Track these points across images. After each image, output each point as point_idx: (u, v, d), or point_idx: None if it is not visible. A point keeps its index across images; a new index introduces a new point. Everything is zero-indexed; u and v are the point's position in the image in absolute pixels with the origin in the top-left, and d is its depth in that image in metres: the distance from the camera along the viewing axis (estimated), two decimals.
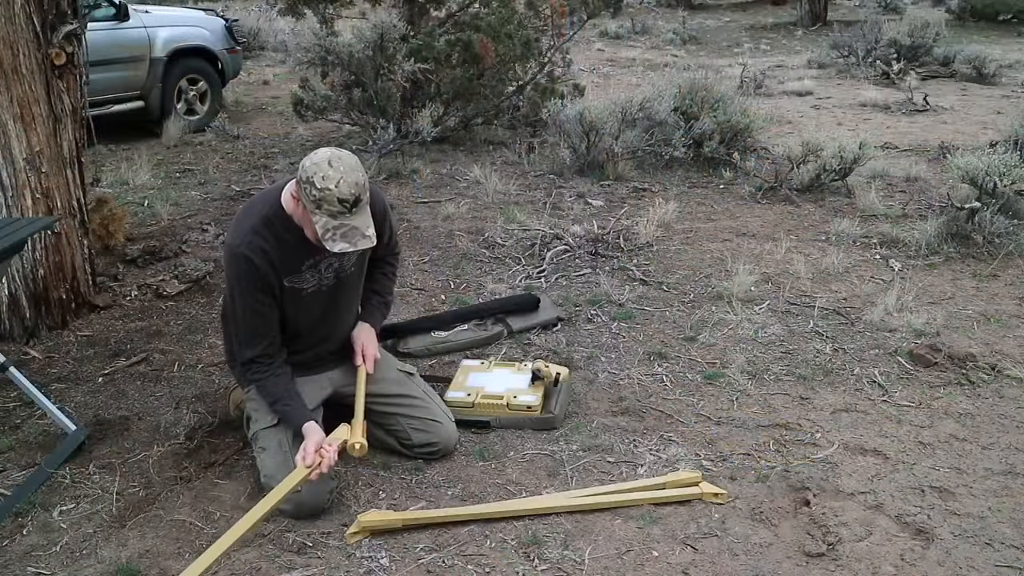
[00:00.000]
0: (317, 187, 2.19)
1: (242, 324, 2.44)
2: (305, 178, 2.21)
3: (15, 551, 2.24)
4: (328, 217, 2.21)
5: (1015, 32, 14.90)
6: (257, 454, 2.45)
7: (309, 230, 2.31)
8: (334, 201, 2.19)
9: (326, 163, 2.21)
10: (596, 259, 4.28)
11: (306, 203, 2.24)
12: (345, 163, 2.23)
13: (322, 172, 2.19)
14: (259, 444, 2.45)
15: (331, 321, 2.60)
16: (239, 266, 2.35)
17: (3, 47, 3.16)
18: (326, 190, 2.18)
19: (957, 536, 2.28)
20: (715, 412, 2.90)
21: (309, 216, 2.26)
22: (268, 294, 2.38)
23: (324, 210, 2.21)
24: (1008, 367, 3.17)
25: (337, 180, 2.19)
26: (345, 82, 6.38)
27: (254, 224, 2.35)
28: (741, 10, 19.90)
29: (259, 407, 2.49)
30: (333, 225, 2.22)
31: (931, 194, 5.28)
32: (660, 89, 6.13)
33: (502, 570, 2.15)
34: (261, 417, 2.46)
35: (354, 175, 2.22)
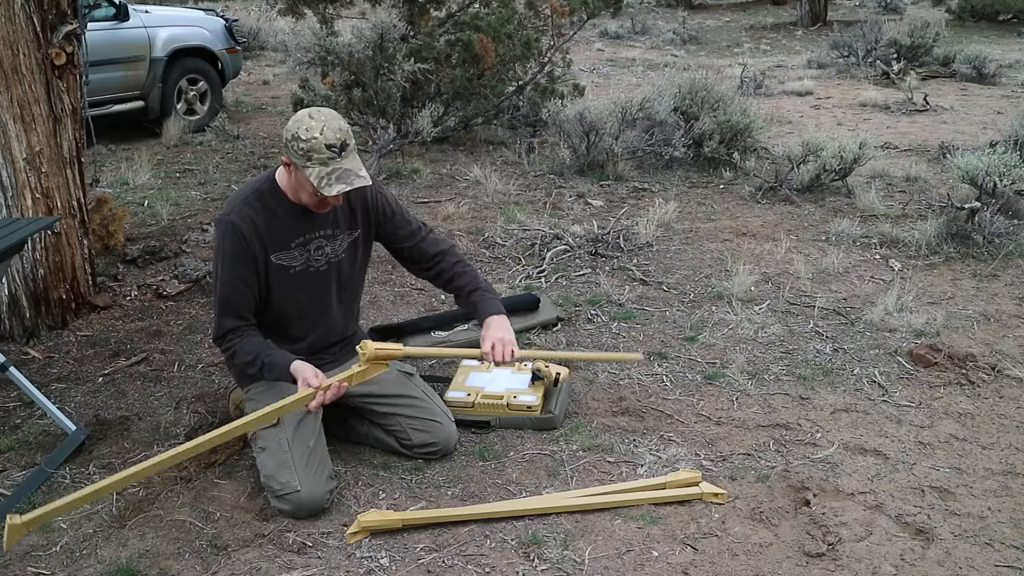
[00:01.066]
0: (303, 139, 2.26)
1: (221, 294, 2.43)
2: (290, 136, 2.28)
3: (15, 551, 2.24)
4: (320, 166, 2.27)
5: (1015, 32, 14.90)
6: (257, 454, 2.45)
7: (305, 193, 2.36)
8: (322, 148, 2.26)
9: (307, 116, 2.30)
10: (596, 259, 4.28)
11: (296, 160, 2.29)
12: (325, 113, 2.32)
13: (305, 124, 2.27)
14: (259, 444, 2.44)
15: (323, 311, 2.58)
16: (226, 235, 2.38)
17: (3, 47, 3.16)
18: (312, 139, 2.25)
19: (957, 536, 2.28)
20: (715, 412, 2.90)
21: (302, 176, 2.30)
22: (251, 267, 2.40)
23: (315, 160, 2.27)
24: (1008, 367, 3.17)
25: (320, 128, 2.27)
26: (345, 82, 6.38)
27: (246, 196, 2.43)
28: (741, 10, 19.90)
29: (259, 406, 2.48)
30: (326, 172, 2.28)
31: (931, 194, 5.27)
32: (660, 89, 6.13)
33: (502, 570, 2.15)
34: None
35: (336, 122, 2.30)
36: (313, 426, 2.49)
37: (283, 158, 2.37)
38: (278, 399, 2.46)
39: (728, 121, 5.95)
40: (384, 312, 3.72)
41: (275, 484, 2.34)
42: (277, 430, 2.41)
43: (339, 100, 6.39)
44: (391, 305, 3.79)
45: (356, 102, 6.36)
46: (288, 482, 2.33)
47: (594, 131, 5.76)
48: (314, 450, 2.42)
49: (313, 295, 2.55)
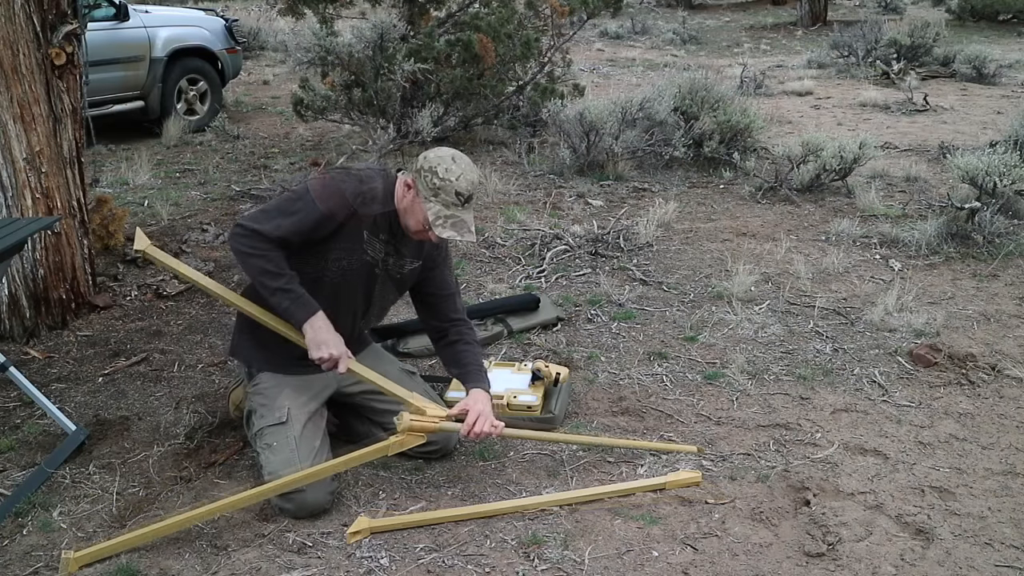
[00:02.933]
0: (439, 176, 2.33)
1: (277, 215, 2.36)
2: (428, 167, 2.35)
3: (15, 551, 2.24)
4: (442, 206, 2.34)
5: (1015, 32, 14.91)
6: (261, 451, 2.43)
7: (413, 218, 2.39)
8: (451, 192, 2.33)
9: (450, 158, 2.37)
10: (596, 259, 4.28)
11: (422, 190, 2.35)
12: (466, 163, 2.40)
13: (445, 164, 2.35)
14: (264, 441, 2.43)
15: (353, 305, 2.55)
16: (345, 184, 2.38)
17: (3, 47, 3.16)
18: (447, 181, 2.33)
19: (957, 536, 2.28)
20: (715, 412, 2.90)
21: (419, 203, 2.36)
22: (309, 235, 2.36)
23: (440, 199, 2.34)
24: (1008, 367, 3.17)
25: (458, 174, 2.35)
26: (345, 82, 6.38)
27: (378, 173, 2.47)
28: (741, 10, 19.90)
29: (265, 403, 2.48)
30: (445, 214, 2.35)
31: (931, 194, 5.28)
32: (660, 89, 6.13)
33: (502, 570, 2.15)
34: (268, 414, 2.45)
35: (473, 174, 2.39)
36: (319, 427, 2.50)
37: (407, 179, 2.40)
38: (286, 396, 2.46)
39: (728, 121, 5.95)
40: None
41: None
42: (285, 428, 2.41)
43: (339, 100, 6.39)
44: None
45: (356, 102, 6.36)
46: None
47: (594, 131, 5.76)
48: (319, 451, 2.43)
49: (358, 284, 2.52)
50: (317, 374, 2.56)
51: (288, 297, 2.35)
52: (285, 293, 2.35)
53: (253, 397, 2.53)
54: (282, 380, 2.50)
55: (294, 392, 2.49)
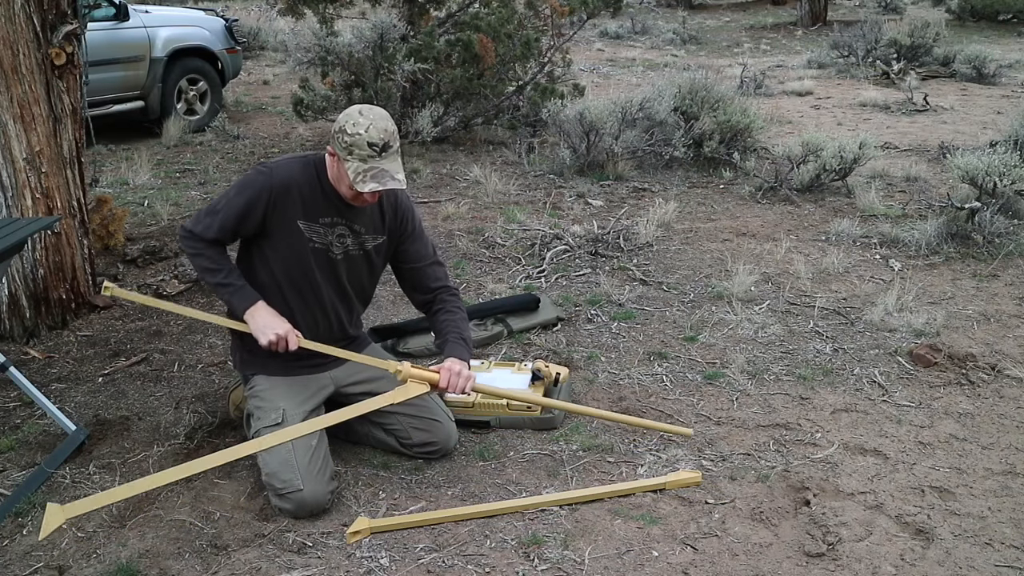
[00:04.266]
0: (348, 133, 2.32)
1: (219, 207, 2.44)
2: (338, 128, 2.35)
3: (15, 551, 2.24)
4: (359, 162, 2.33)
5: (1015, 32, 14.91)
6: (259, 453, 2.44)
7: (343, 183, 2.39)
8: (364, 145, 2.32)
9: (356, 112, 2.35)
10: (596, 259, 4.28)
11: (339, 151, 2.35)
12: (375, 112, 2.37)
13: (352, 119, 2.33)
14: None
15: (324, 299, 2.56)
16: (256, 178, 2.43)
17: (3, 47, 3.16)
18: (356, 135, 2.31)
19: (957, 536, 2.28)
20: (715, 412, 2.90)
21: (341, 166, 2.36)
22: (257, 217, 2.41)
23: (355, 155, 2.33)
24: (1008, 367, 3.17)
25: (367, 126, 2.32)
26: (345, 82, 6.39)
27: (296, 158, 2.50)
28: (741, 10, 19.90)
29: (260, 405, 2.48)
30: (363, 168, 2.33)
31: (931, 194, 5.28)
32: (660, 89, 6.13)
33: (502, 570, 2.15)
34: (264, 415, 2.46)
35: (383, 122, 2.35)
36: (316, 431, 2.49)
37: (328, 148, 2.41)
38: (281, 397, 2.46)
39: (728, 121, 5.96)
40: (384, 312, 3.72)
41: (277, 483, 2.34)
42: (281, 429, 2.41)
43: (339, 100, 6.39)
44: (391, 305, 3.79)
45: (356, 102, 6.36)
46: (291, 481, 2.33)
47: (594, 131, 5.76)
48: (316, 449, 2.42)
49: (320, 279, 2.53)
50: (313, 375, 2.57)
51: (228, 291, 2.45)
52: (225, 287, 2.45)
53: (250, 400, 2.54)
54: (277, 382, 2.50)
55: (289, 393, 2.50)
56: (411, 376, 2.40)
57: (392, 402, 2.40)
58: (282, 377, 2.52)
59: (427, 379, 2.42)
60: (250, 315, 2.43)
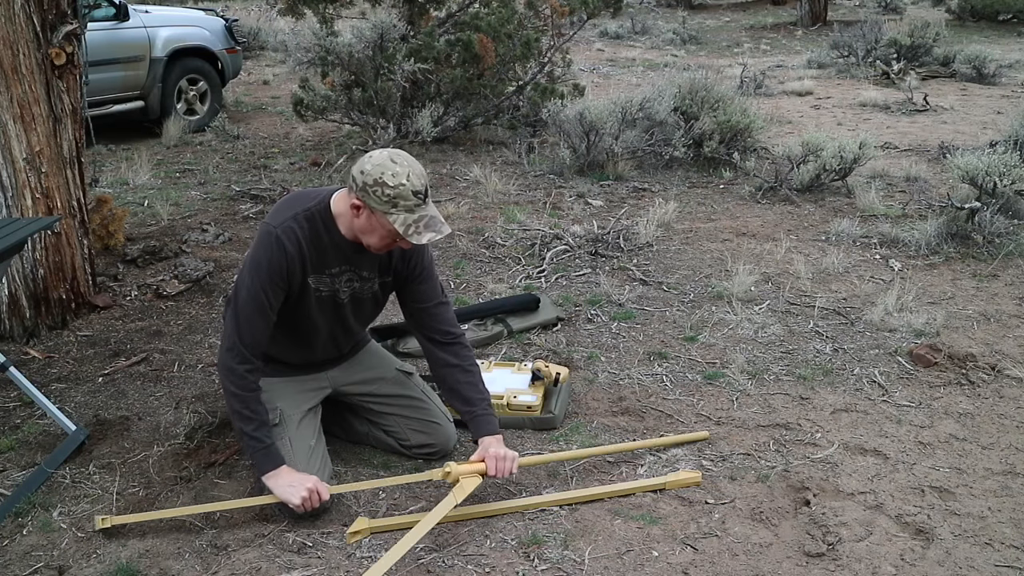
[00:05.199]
0: (390, 185, 2.17)
1: (245, 309, 2.30)
2: (372, 181, 2.17)
3: (15, 551, 2.24)
4: (406, 213, 2.20)
5: (1015, 32, 14.91)
6: None
7: (375, 235, 2.26)
8: (409, 195, 2.18)
9: (389, 161, 2.20)
10: (596, 259, 4.28)
11: (377, 207, 2.19)
12: (406, 158, 2.24)
13: (390, 170, 2.18)
14: None
15: (334, 338, 2.55)
16: (270, 247, 2.27)
17: (3, 47, 3.16)
18: (400, 186, 2.17)
19: (957, 536, 2.28)
20: (715, 412, 2.90)
21: (380, 220, 2.21)
22: (281, 287, 2.31)
23: (401, 207, 2.19)
24: (1008, 367, 3.17)
25: (407, 174, 2.19)
26: (345, 82, 6.38)
27: (297, 214, 2.31)
28: (741, 10, 19.90)
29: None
30: (413, 219, 2.20)
31: (931, 194, 5.28)
32: (660, 89, 6.13)
33: (502, 570, 2.15)
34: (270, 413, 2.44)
35: (418, 167, 2.23)
36: (313, 425, 2.49)
37: (354, 200, 2.23)
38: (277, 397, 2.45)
39: (728, 121, 5.95)
40: (384, 312, 3.71)
41: None
42: (279, 429, 2.41)
43: (339, 100, 6.39)
44: (391, 305, 3.78)
45: (356, 102, 6.36)
46: None
47: (594, 131, 5.76)
48: (315, 449, 2.42)
49: (330, 324, 2.49)
50: (310, 374, 2.56)
51: (256, 446, 2.30)
52: (254, 441, 2.30)
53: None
54: (272, 383, 2.48)
55: (285, 392, 2.48)
56: (461, 474, 2.30)
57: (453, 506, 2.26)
58: (278, 379, 2.50)
59: (478, 471, 2.32)
60: (273, 478, 2.28)
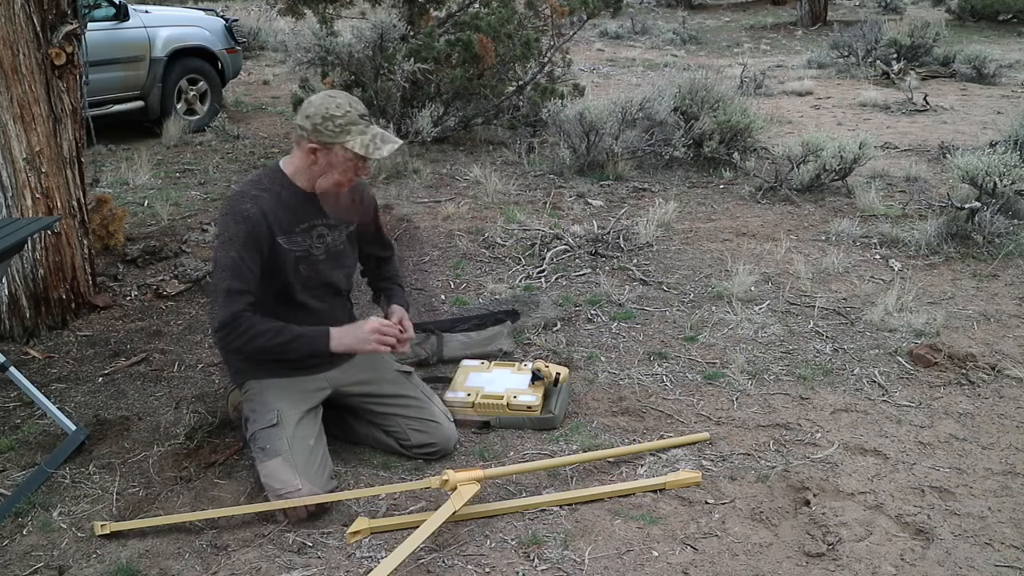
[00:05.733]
0: (338, 116, 2.34)
1: (227, 275, 2.35)
2: (320, 118, 2.34)
3: (15, 551, 2.24)
4: (360, 135, 2.37)
5: (1015, 32, 14.91)
6: (256, 454, 2.44)
7: (337, 171, 2.41)
8: (357, 119, 2.37)
9: (327, 96, 2.38)
10: (596, 259, 4.28)
11: (332, 139, 2.35)
12: (338, 92, 2.43)
13: (332, 103, 2.35)
14: (258, 444, 2.43)
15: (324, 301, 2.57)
16: (232, 218, 2.38)
17: (3, 47, 3.16)
18: (347, 113, 2.35)
19: (957, 536, 2.28)
20: (715, 412, 2.90)
21: (338, 153, 2.37)
22: (256, 249, 2.38)
23: (355, 130, 2.37)
24: (1008, 367, 3.17)
25: (348, 102, 2.38)
26: (345, 82, 6.38)
27: (253, 180, 2.49)
28: (741, 10, 19.91)
29: (256, 408, 2.48)
30: (368, 139, 2.38)
31: (931, 194, 5.28)
32: (660, 89, 6.13)
33: (502, 570, 2.15)
34: (260, 417, 2.45)
35: (350, 95, 2.43)
36: (313, 425, 2.49)
37: (307, 144, 2.38)
38: (275, 397, 2.45)
39: (728, 121, 5.95)
40: None
41: (276, 483, 2.34)
42: (278, 429, 2.41)
43: None
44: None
45: None
46: (289, 481, 2.33)
47: (594, 131, 5.76)
48: (314, 449, 2.42)
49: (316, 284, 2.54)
50: (308, 375, 2.55)
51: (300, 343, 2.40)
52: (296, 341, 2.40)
53: (245, 404, 2.53)
54: (272, 384, 2.49)
55: (284, 393, 2.48)
56: (459, 482, 2.28)
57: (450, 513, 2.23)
58: (277, 379, 2.50)
59: (475, 478, 2.29)
60: (340, 342, 2.42)
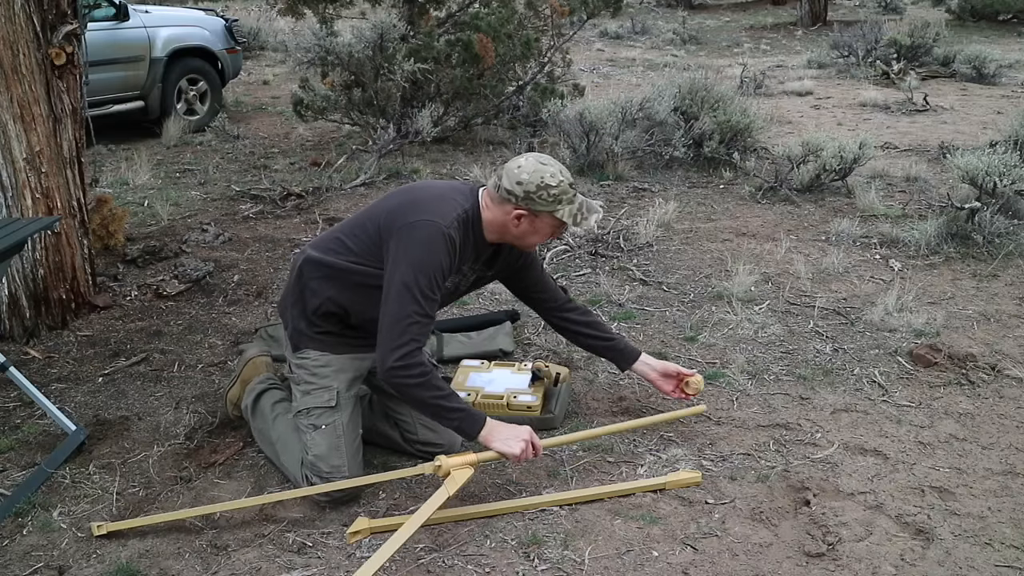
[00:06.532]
0: (553, 185, 2.32)
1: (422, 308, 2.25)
2: (535, 187, 2.31)
3: (15, 551, 2.24)
4: (569, 204, 2.37)
5: (1015, 32, 14.91)
6: (307, 431, 2.41)
7: (538, 235, 2.42)
8: (568, 189, 2.36)
9: (540, 164, 2.35)
10: (596, 259, 4.28)
11: (543, 209, 2.34)
12: (548, 157, 2.40)
13: (547, 172, 2.34)
14: (310, 420, 2.42)
15: None
16: (443, 245, 2.29)
17: (3, 47, 3.16)
18: (560, 183, 2.34)
19: (957, 536, 2.28)
20: (715, 412, 2.90)
21: (544, 219, 2.37)
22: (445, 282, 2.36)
23: (564, 201, 2.36)
24: (1008, 367, 3.17)
25: (560, 170, 2.36)
26: (345, 82, 6.39)
27: (457, 214, 2.36)
28: (741, 10, 19.91)
29: (312, 380, 2.43)
30: (576, 207, 2.39)
31: (931, 194, 5.28)
32: (660, 89, 6.13)
33: (502, 570, 2.15)
34: (317, 395, 2.42)
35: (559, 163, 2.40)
36: (359, 414, 2.54)
37: (515, 210, 2.34)
38: (334, 377, 2.44)
39: (728, 121, 5.95)
40: None
41: (324, 466, 2.37)
42: (334, 412, 2.41)
43: (339, 100, 6.39)
44: None
45: (356, 102, 6.36)
46: (339, 467, 2.38)
47: (594, 131, 5.76)
48: (359, 441, 2.49)
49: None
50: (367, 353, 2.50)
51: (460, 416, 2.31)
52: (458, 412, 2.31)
53: (297, 370, 2.48)
54: (330, 359, 2.46)
55: (341, 374, 2.47)
56: (452, 467, 2.27)
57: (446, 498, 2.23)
58: (338, 356, 2.47)
59: (468, 463, 2.29)
60: (487, 435, 2.31)
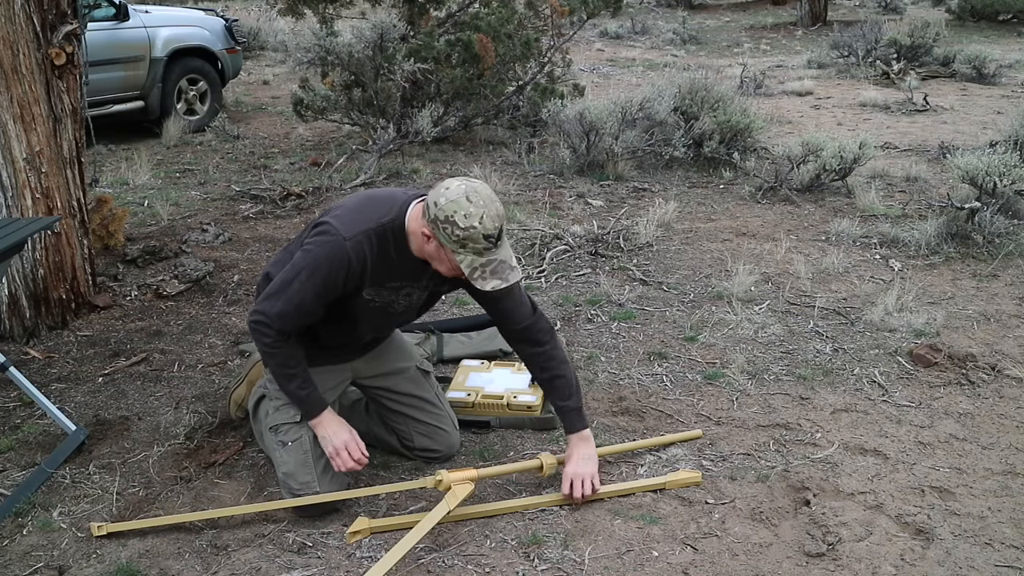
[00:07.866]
0: (460, 226, 2.08)
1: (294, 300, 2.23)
2: (444, 217, 2.09)
3: (15, 551, 2.24)
4: (474, 255, 2.13)
5: (1015, 32, 14.91)
6: (276, 448, 2.40)
7: (444, 264, 2.21)
8: (479, 239, 2.09)
9: (464, 199, 2.09)
10: (596, 259, 4.28)
11: (446, 242, 2.12)
12: (483, 195, 2.12)
13: (463, 210, 2.08)
14: (279, 437, 2.40)
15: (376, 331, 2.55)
16: (334, 257, 2.20)
17: (3, 47, 3.16)
18: (471, 228, 2.08)
19: (957, 536, 2.28)
20: (715, 412, 2.90)
21: (448, 254, 2.15)
22: (334, 296, 2.27)
23: (469, 249, 2.12)
24: (1008, 367, 3.17)
25: (480, 216, 2.08)
26: (345, 82, 6.39)
27: (371, 229, 2.22)
28: (741, 10, 19.91)
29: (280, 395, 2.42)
30: (480, 263, 2.14)
31: (931, 194, 5.28)
32: (660, 89, 6.13)
33: (502, 570, 2.15)
34: (284, 408, 2.41)
35: (494, 206, 2.12)
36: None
37: (424, 229, 2.16)
38: None
39: (728, 121, 5.96)
40: None
41: (294, 483, 2.34)
42: (300, 427, 2.38)
43: (339, 100, 6.39)
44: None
45: (356, 102, 6.36)
46: (308, 483, 2.33)
47: (594, 131, 5.76)
48: None
49: (375, 327, 2.49)
50: (336, 366, 2.52)
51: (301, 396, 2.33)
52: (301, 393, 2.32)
53: (270, 385, 2.46)
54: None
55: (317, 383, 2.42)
56: (453, 482, 2.26)
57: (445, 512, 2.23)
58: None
59: (469, 478, 2.30)
60: (315, 425, 2.33)
